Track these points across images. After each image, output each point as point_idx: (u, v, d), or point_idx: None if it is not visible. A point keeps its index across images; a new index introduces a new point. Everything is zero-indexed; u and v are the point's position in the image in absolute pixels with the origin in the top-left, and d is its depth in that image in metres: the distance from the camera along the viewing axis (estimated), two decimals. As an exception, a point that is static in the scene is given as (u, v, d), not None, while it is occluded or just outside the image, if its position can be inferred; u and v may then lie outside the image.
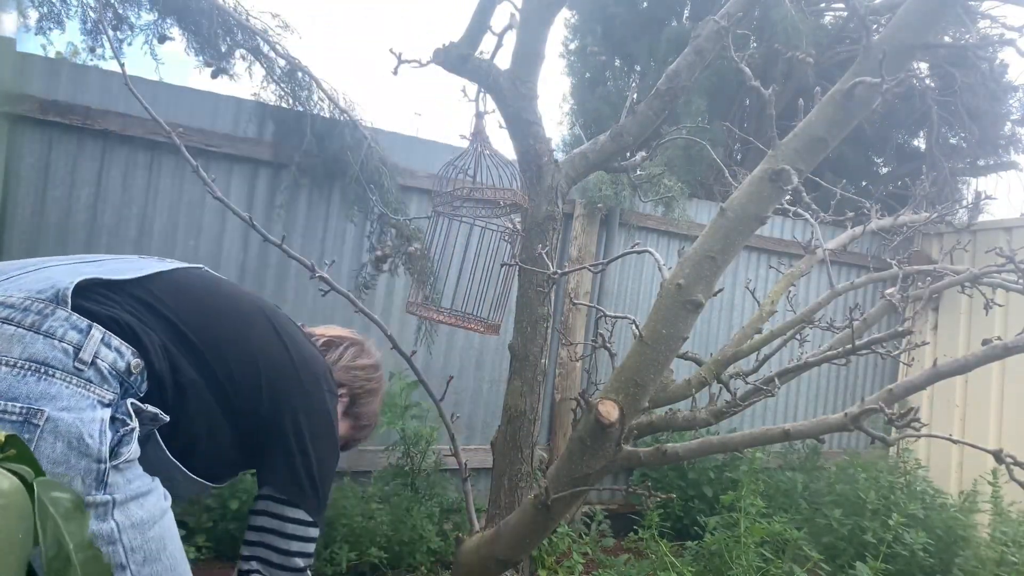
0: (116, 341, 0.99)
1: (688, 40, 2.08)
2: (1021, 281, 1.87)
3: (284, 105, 3.26)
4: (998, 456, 1.14)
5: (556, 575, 3.28)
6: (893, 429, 1.20)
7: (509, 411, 2.08)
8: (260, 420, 1.18)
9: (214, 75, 3.24)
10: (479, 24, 1.99)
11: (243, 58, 3.24)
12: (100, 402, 0.95)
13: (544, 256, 1.95)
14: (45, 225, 2.96)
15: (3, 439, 0.56)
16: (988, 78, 5.38)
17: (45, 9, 3.05)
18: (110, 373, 0.97)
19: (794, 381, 4.57)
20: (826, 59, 5.64)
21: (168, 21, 3.14)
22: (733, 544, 2.94)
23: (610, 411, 1.40)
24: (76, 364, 0.94)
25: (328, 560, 2.95)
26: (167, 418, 1.05)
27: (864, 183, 6.23)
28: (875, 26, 1.35)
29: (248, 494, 3.00)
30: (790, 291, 2.29)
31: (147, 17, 3.15)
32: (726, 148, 5.90)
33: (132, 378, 1.00)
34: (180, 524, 3.12)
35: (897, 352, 2.11)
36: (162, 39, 3.22)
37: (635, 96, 2.12)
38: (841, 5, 5.65)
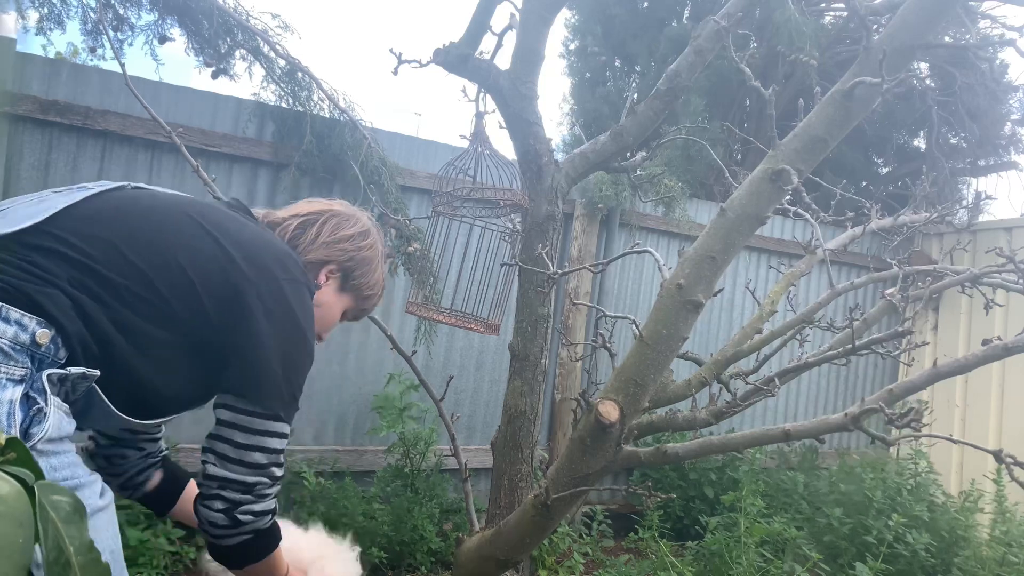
0: (15, 313, 0.92)
1: (688, 40, 2.09)
2: (1021, 281, 1.87)
3: (284, 105, 3.26)
4: (998, 456, 1.14)
5: (556, 575, 3.28)
6: (893, 429, 1.20)
7: (509, 411, 2.08)
8: (210, 330, 1.09)
9: (214, 75, 3.24)
10: (479, 24, 1.99)
11: (243, 58, 3.25)
12: (10, 379, 0.90)
13: (544, 256, 1.95)
14: (45, 225, 2.96)
15: (3, 442, 0.56)
16: (988, 78, 5.38)
17: (46, 10, 3.05)
18: (13, 348, 0.91)
19: (794, 381, 4.57)
20: (826, 59, 5.64)
21: (168, 22, 3.14)
22: (733, 544, 2.94)
23: (610, 411, 1.40)
24: None
25: (328, 560, 2.95)
26: (97, 372, 0.98)
27: (864, 183, 6.23)
28: (875, 26, 1.35)
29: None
30: (790, 291, 2.29)
31: (147, 18, 3.16)
32: (726, 148, 5.90)
33: (43, 349, 0.93)
34: (180, 524, 3.08)
35: (897, 352, 2.11)
36: (162, 39, 3.22)
37: (635, 96, 2.12)
38: (841, 5, 5.65)
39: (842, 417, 1.26)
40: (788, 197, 1.48)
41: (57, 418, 0.95)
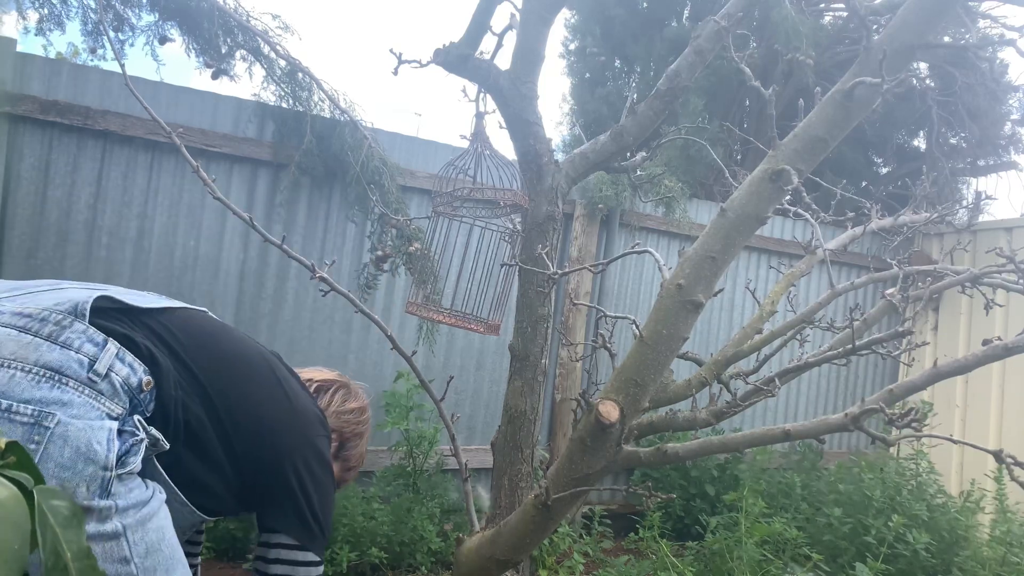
0: (130, 357, 1.01)
1: (688, 40, 2.08)
2: (1021, 281, 1.87)
3: (284, 105, 3.26)
4: (998, 456, 1.14)
5: (556, 575, 3.28)
6: (894, 429, 1.19)
7: (509, 411, 2.08)
8: (261, 466, 1.20)
9: (214, 76, 3.24)
10: (479, 24, 1.99)
11: (243, 59, 3.25)
12: (108, 415, 0.97)
13: (544, 256, 1.95)
14: (45, 225, 2.96)
15: (3, 445, 0.56)
16: (988, 78, 5.38)
17: (46, 10, 3.05)
18: (122, 387, 0.99)
19: (794, 381, 4.57)
20: (826, 59, 5.64)
21: (169, 22, 3.14)
22: (734, 544, 2.94)
23: (610, 411, 1.40)
24: (90, 375, 0.96)
25: (329, 560, 2.95)
26: (167, 445, 1.06)
27: (864, 183, 6.23)
28: (875, 26, 1.35)
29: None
30: (790, 291, 2.29)
31: (148, 18, 3.16)
32: (726, 148, 5.90)
33: (142, 395, 1.02)
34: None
35: (897, 352, 2.11)
36: (163, 40, 3.22)
37: (635, 96, 2.12)
38: (841, 5, 5.65)
39: (842, 417, 1.26)
40: (788, 197, 1.48)
41: (148, 486, 1.05)
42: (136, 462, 0.99)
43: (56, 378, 0.93)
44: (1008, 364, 4.21)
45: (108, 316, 1.06)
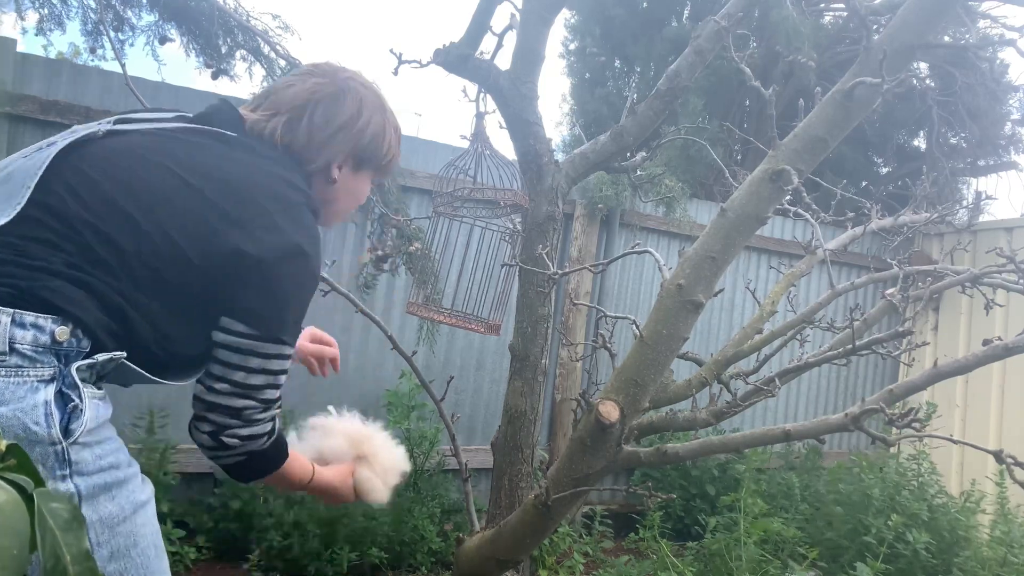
0: (30, 316, 0.92)
1: (688, 40, 2.09)
2: (1021, 281, 1.87)
3: (284, 105, 3.25)
4: (998, 456, 1.14)
5: (556, 575, 3.28)
6: (894, 429, 1.20)
7: (509, 411, 2.08)
8: (215, 284, 1.04)
9: (215, 76, 3.25)
10: (479, 24, 1.99)
11: (243, 59, 3.25)
12: (40, 381, 0.92)
13: (544, 256, 1.95)
14: (45, 226, 2.96)
15: (3, 448, 0.56)
16: (988, 78, 5.38)
17: (45, 10, 3.06)
18: (35, 351, 0.92)
19: (794, 381, 4.57)
20: (826, 59, 5.64)
21: (169, 22, 3.14)
22: (734, 544, 2.94)
23: (610, 411, 1.40)
24: None
25: (329, 560, 2.95)
26: (123, 354, 0.98)
27: (864, 183, 6.23)
28: (875, 26, 1.35)
29: (249, 492, 3.00)
30: (790, 291, 2.30)
31: (148, 18, 3.16)
32: (726, 148, 5.90)
33: (65, 345, 0.94)
34: (180, 524, 3.09)
35: (897, 352, 2.11)
36: (163, 40, 3.23)
37: (635, 96, 2.12)
38: (841, 5, 5.65)
39: (842, 417, 1.26)
40: (788, 197, 1.48)
41: (93, 407, 0.96)
42: (82, 425, 0.93)
43: None
44: (1008, 364, 4.21)
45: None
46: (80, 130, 1.08)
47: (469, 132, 2.10)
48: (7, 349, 0.90)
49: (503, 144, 3.27)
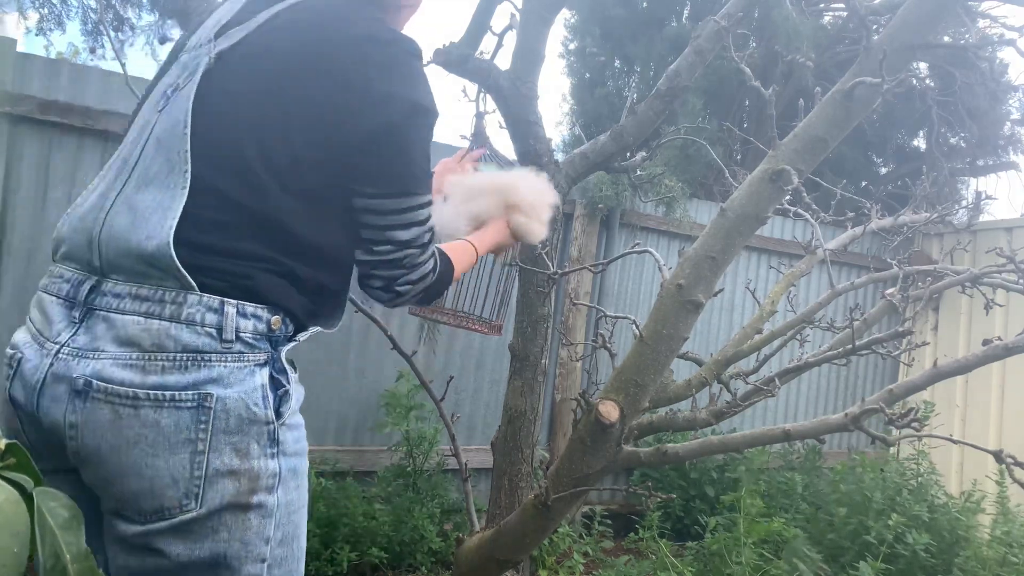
0: (250, 308, 1.00)
1: (688, 40, 2.09)
2: (1021, 281, 1.88)
3: (284, 105, 3.26)
4: (998, 456, 1.14)
5: (556, 575, 3.28)
6: (894, 429, 1.20)
7: (509, 411, 2.08)
8: (345, 178, 1.07)
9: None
10: (479, 24, 1.99)
11: (243, 58, 3.24)
12: (256, 365, 1.00)
13: (544, 256, 1.95)
14: (46, 226, 2.96)
15: (3, 447, 0.56)
16: (988, 78, 5.38)
17: (46, 10, 3.06)
18: (255, 339, 1.01)
19: (794, 381, 4.57)
20: (826, 59, 5.64)
21: (169, 22, 3.14)
22: (733, 544, 2.94)
23: (610, 411, 1.40)
24: (223, 344, 0.98)
25: (329, 560, 2.95)
26: (318, 328, 1.09)
27: (864, 183, 6.23)
28: (875, 26, 1.35)
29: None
30: (790, 291, 2.30)
31: (148, 18, 3.16)
32: (726, 148, 5.90)
33: (276, 332, 1.03)
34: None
35: (897, 352, 2.11)
36: (163, 40, 3.23)
37: (635, 96, 2.12)
38: (841, 5, 5.65)
39: (842, 417, 1.26)
40: (788, 197, 1.48)
41: (296, 391, 1.06)
42: (290, 409, 1.03)
43: (199, 358, 0.96)
44: (1008, 364, 4.21)
45: (196, 252, 0.98)
46: (190, 62, 1.09)
47: (469, 132, 2.10)
48: (234, 337, 0.98)
49: (503, 144, 3.27)
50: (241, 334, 0.99)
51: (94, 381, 0.94)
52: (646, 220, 4.24)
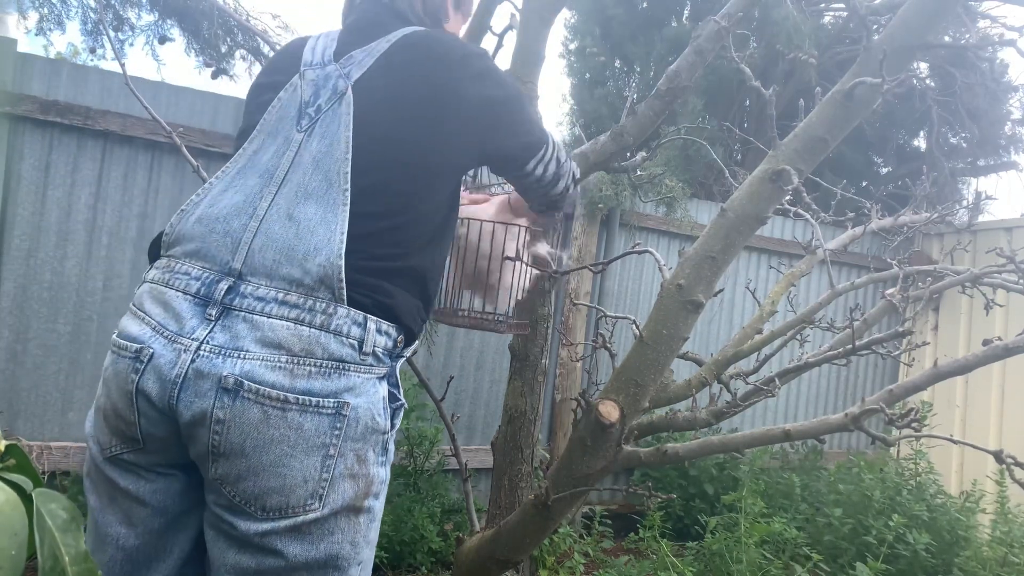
0: (385, 326, 1.07)
1: (688, 40, 2.08)
2: (1021, 281, 1.88)
3: (284, 105, 3.25)
4: (998, 456, 1.14)
5: (556, 575, 3.28)
6: (894, 429, 1.20)
7: (509, 411, 2.08)
8: (478, 160, 1.26)
9: (214, 75, 3.25)
10: (479, 24, 1.99)
11: (243, 58, 3.25)
12: (379, 378, 1.07)
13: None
14: (45, 225, 2.96)
15: (3, 448, 0.56)
16: (988, 78, 5.38)
17: (45, 10, 3.05)
18: (384, 354, 1.08)
19: (794, 381, 4.57)
20: (826, 59, 5.64)
21: (169, 22, 3.14)
22: (734, 544, 2.94)
23: (610, 411, 1.40)
24: (361, 356, 1.05)
25: (328, 560, 2.95)
26: (419, 342, 1.18)
27: (864, 183, 6.22)
28: (875, 26, 1.35)
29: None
30: (790, 291, 2.30)
31: (148, 18, 3.16)
32: (726, 148, 5.90)
33: (397, 349, 1.11)
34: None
35: (897, 352, 2.11)
36: (163, 40, 3.23)
37: (635, 96, 2.12)
38: (841, 5, 5.65)
39: (842, 417, 1.26)
40: (788, 197, 1.48)
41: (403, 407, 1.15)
42: (398, 423, 1.11)
43: (341, 367, 1.02)
44: (1008, 364, 4.21)
45: (353, 267, 1.05)
46: (322, 82, 1.16)
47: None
48: (371, 351, 1.06)
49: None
50: (376, 348, 1.06)
51: (245, 381, 0.98)
52: (646, 220, 4.24)
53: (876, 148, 6.63)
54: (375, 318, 1.06)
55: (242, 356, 0.99)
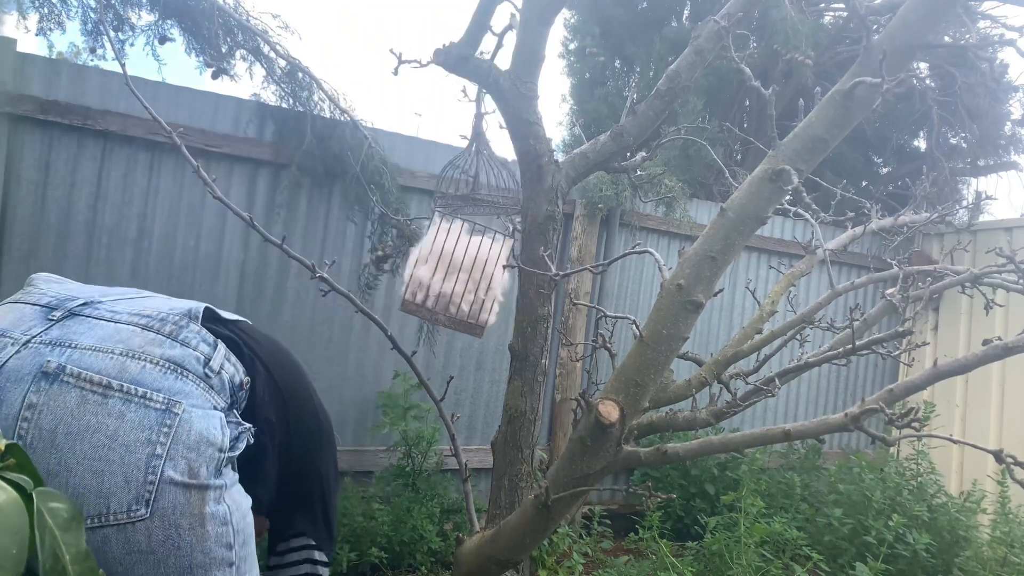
0: (234, 359, 1.12)
1: (688, 40, 2.08)
2: (1021, 281, 1.87)
3: (284, 105, 3.26)
4: (998, 456, 1.14)
5: (556, 575, 3.28)
6: (894, 429, 1.19)
7: (509, 411, 2.08)
8: (306, 469, 1.32)
9: (215, 76, 3.24)
10: (479, 24, 1.99)
11: (243, 59, 3.24)
12: (215, 407, 1.05)
13: (545, 258, 1.95)
14: (45, 225, 2.96)
15: (3, 447, 0.55)
16: (988, 78, 5.37)
17: (46, 10, 3.05)
18: (228, 384, 1.09)
19: (794, 381, 4.56)
20: (826, 59, 5.64)
21: (169, 22, 3.14)
22: (733, 544, 2.94)
23: (610, 411, 1.40)
24: (206, 371, 1.05)
25: (328, 560, 2.95)
26: (252, 440, 1.13)
27: (864, 183, 6.22)
28: (875, 26, 1.35)
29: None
30: (790, 291, 2.30)
31: (148, 18, 3.15)
32: (726, 148, 5.89)
33: (240, 393, 1.13)
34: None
35: (897, 352, 2.11)
36: (163, 40, 3.22)
37: (635, 96, 2.12)
38: (841, 5, 5.65)
39: (842, 417, 1.26)
40: (788, 197, 1.48)
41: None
42: (241, 447, 1.07)
43: (179, 371, 1.02)
44: (1008, 364, 4.20)
45: (211, 322, 1.15)
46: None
47: (469, 132, 2.10)
48: (217, 370, 1.11)
49: (503, 144, 3.28)
50: (223, 371, 1.09)
51: (68, 366, 0.96)
52: (646, 220, 4.24)
53: (876, 148, 6.63)
54: (226, 347, 1.11)
55: (72, 346, 0.98)
